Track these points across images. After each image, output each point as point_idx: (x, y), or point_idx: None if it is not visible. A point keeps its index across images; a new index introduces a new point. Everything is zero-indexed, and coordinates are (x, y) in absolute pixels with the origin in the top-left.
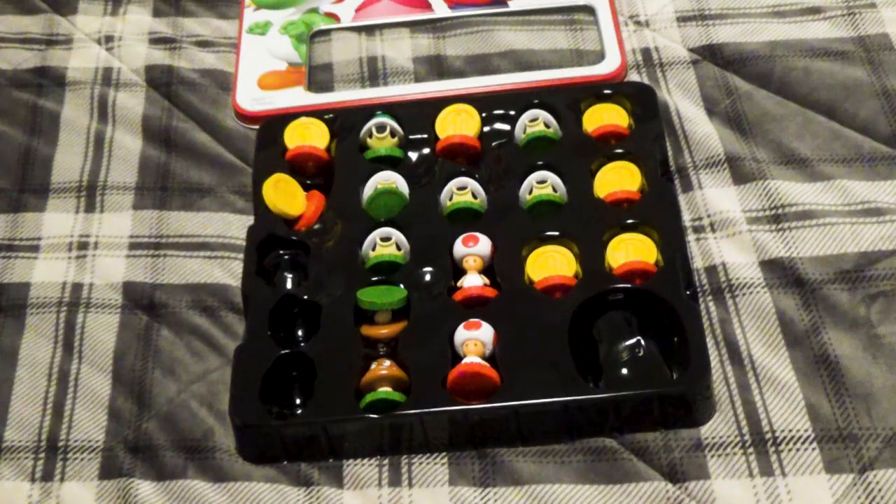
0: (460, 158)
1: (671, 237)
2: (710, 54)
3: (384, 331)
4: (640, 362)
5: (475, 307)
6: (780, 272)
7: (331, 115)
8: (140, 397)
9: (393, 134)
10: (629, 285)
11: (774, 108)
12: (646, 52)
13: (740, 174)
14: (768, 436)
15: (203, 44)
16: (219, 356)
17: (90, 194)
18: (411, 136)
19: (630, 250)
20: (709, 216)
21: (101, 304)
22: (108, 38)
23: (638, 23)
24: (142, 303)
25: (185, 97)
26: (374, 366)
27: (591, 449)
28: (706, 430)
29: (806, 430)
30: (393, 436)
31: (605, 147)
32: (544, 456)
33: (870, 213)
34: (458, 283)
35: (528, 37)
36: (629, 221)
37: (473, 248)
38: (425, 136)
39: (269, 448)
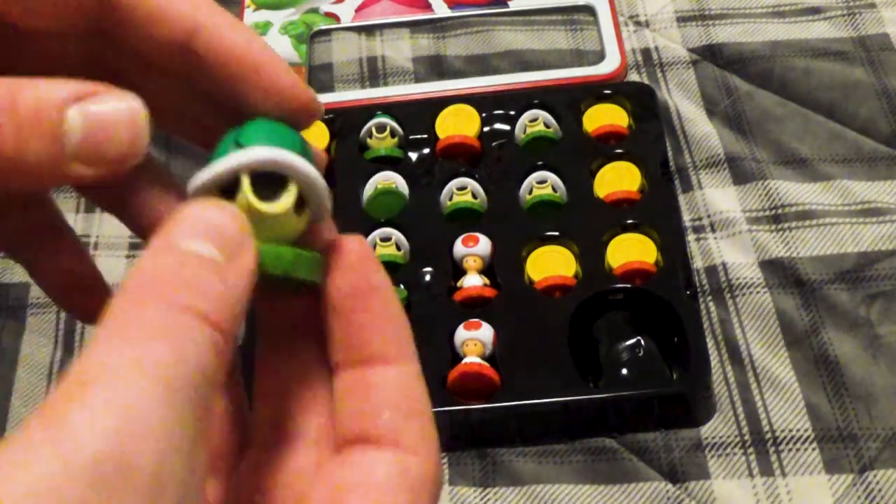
0: (460, 158)
1: (671, 237)
2: (710, 54)
3: None
4: (640, 362)
5: (475, 307)
6: (780, 272)
7: (330, 115)
8: None
9: (393, 134)
10: (629, 285)
11: (774, 108)
12: (646, 52)
13: (740, 174)
14: (768, 436)
15: None
16: None
17: None
18: (411, 136)
19: (630, 250)
20: (709, 216)
21: None
22: None
23: (638, 23)
24: None
25: None
26: None
27: (591, 449)
28: (706, 430)
29: (806, 430)
30: None
31: (605, 147)
32: (544, 456)
33: (870, 213)
34: (458, 283)
35: (528, 37)
36: (629, 221)
37: (473, 249)
38: (425, 136)
39: None
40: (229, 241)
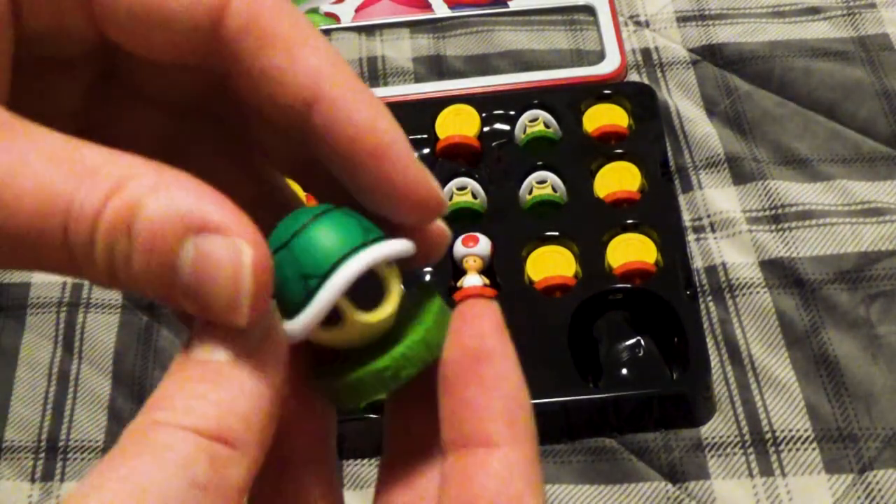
0: (460, 158)
1: (671, 237)
2: (710, 54)
3: None
4: (640, 362)
5: None
6: (780, 272)
7: None
8: (140, 397)
9: None
10: (629, 285)
11: (774, 108)
12: (646, 52)
13: (740, 174)
14: (768, 436)
15: None
16: None
17: None
18: (411, 136)
19: (630, 250)
20: (709, 216)
21: (101, 304)
22: None
23: (638, 23)
24: (142, 303)
25: None
26: None
27: (591, 449)
28: (706, 430)
29: (806, 430)
30: None
31: (605, 147)
32: (544, 456)
33: (870, 213)
34: (458, 283)
35: (528, 37)
36: (629, 221)
37: (473, 249)
38: (425, 136)
39: None
40: (244, 337)
